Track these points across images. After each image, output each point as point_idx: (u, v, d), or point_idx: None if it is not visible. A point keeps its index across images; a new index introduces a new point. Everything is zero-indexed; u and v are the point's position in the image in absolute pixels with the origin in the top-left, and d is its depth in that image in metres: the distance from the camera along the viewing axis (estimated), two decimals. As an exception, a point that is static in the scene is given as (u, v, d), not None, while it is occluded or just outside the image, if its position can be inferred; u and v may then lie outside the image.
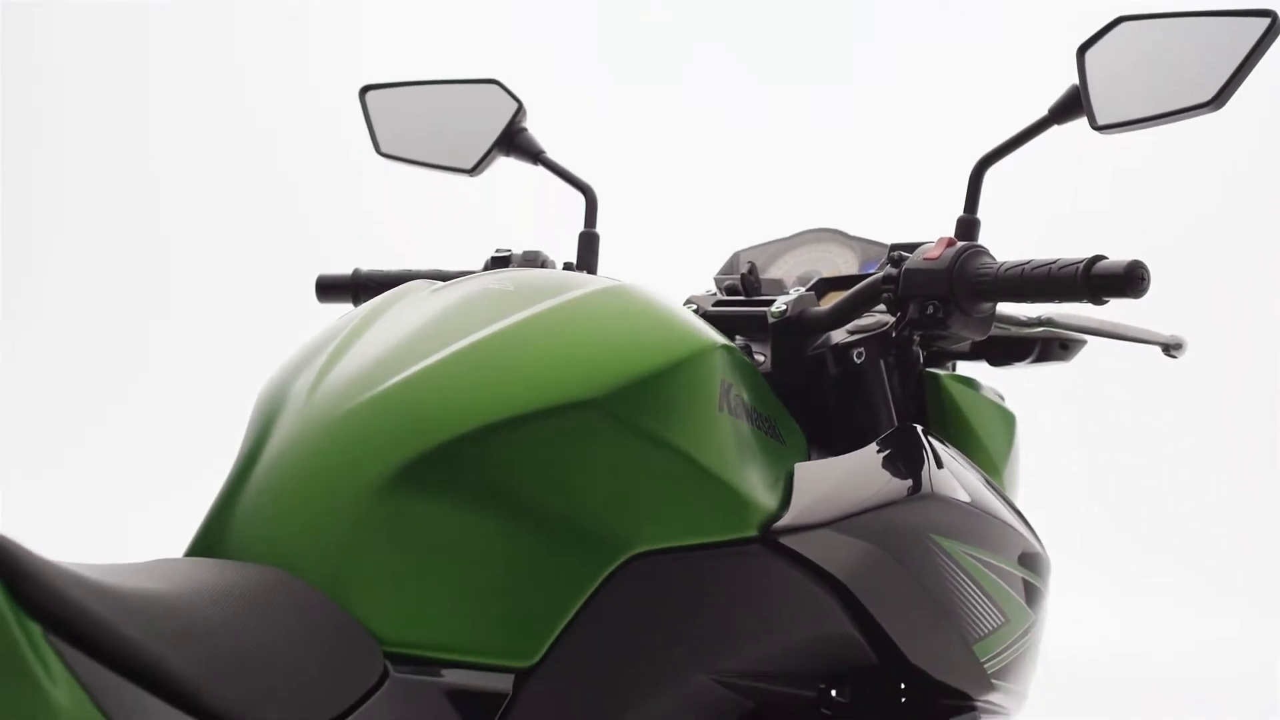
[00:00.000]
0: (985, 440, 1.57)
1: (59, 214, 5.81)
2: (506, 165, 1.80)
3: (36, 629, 0.85)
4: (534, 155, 1.78)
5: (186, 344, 5.50)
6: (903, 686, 1.40)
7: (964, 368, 1.66)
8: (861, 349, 1.49)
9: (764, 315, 1.52)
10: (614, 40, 5.61)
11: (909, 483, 1.35)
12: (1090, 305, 1.35)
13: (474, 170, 1.77)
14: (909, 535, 1.33)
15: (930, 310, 1.39)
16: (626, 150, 4.96)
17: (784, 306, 1.51)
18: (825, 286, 1.61)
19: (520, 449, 1.16)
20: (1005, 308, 1.58)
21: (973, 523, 1.39)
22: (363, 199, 5.23)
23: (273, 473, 1.17)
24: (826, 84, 5.41)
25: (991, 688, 1.43)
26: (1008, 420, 1.61)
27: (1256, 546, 4.96)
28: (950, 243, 1.41)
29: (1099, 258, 1.31)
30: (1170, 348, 1.64)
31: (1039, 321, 1.60)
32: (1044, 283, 1.33)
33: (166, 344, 5.54)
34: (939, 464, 1.39)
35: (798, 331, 1.51)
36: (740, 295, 1.64)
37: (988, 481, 1.48)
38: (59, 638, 0.86)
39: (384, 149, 1.79)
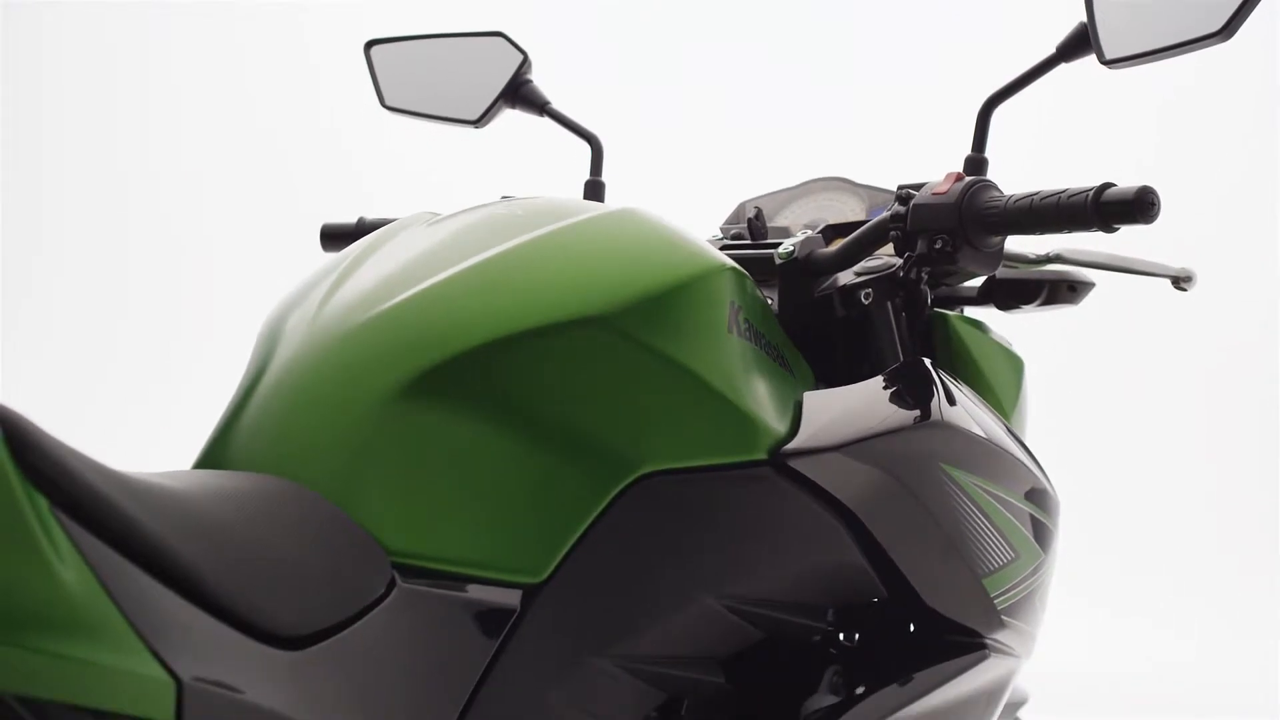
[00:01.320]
0: (994, 383, 1.56)
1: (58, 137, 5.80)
2: (512, 117, 1.80)
3: (43, 502, 0.84)
4: (539, 106, 1.78)
5: (189, 304, 5.49)
6: (912, 622, 1.39)
7: (972, 314, 1.65)
8: (869, 290, 1.48)
9: (771, 257, 1.52)
10: (613, 34, 5.63)
11: (919, 411, 1.34)
12: (1101, 235, 1.34)
13: (479, 122, 1.77)
14: (919, 463, 1.32)
15: (939, 245, 1.38)
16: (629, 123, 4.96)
17: (791, 248, 1.51)
18: (832, 233, 1.61)
19: (530, 364, 1.16)
20: (1014, 245, 1.57)
21: (983, 455, 1.38)
22: (366, 153, 5.24)
23: (280, 387, 1.17)
24: (827, 66, 5.43)
25: (1001, 625, 1.41)
26: (1016, 365, 1.60)
27: (1243, 564, 4.96)
28: (958, 177, 1.41)
29: (1108, 185, 1.30)
30: (1180, 280, 1.63)
31: (1048, 258, 1.59)
32: (1053, 212, 1.32)
33: (168, 296, 5.54)
34: (949, 395, 1.38)
35: (805, 273, 1.51)
36: (747, 240, 1.63)
37: (998, 418, 1.47)
38: (65, 513, 0.86)
39: (389, 102, 1.79)
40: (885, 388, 1.37)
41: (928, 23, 5.58)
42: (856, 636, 1.43)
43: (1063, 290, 1.54)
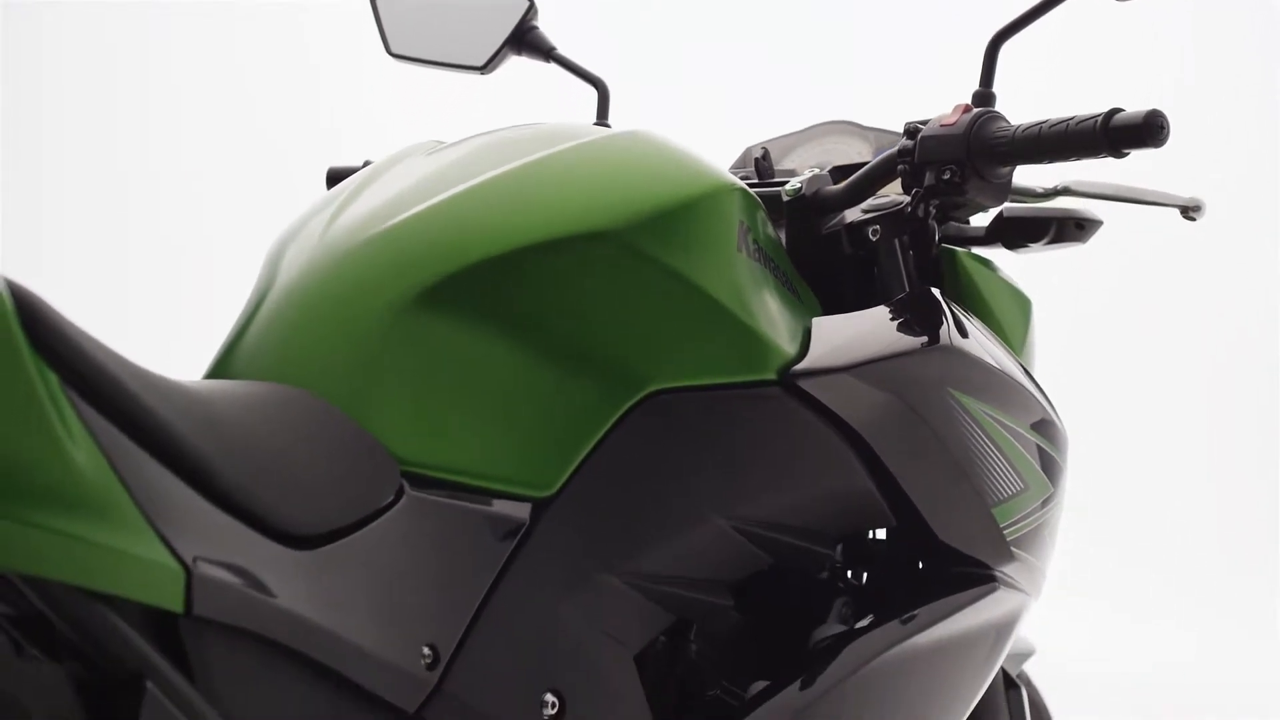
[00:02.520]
0: (1002, 321, 1.55)
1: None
2: (517, 64, 1.79)
3: (54, 378, 0.83)
4: (545, 52, 1.77)
5: (189, 302, 5.46)
6: (921, 553, 1.38)
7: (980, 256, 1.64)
8: (877, 226, 1.47)
9: (778, 195, 1.51)
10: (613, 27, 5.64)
11: (928, 336, 1.34)
12: (1110, 161, 1.33)
13: (485, 68, 1.76)
14: (928, 386, 1.31)
15: (947, 176, 1.37)
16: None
17: (799, 185, 1.50)
18: (840, 174, 1.60)
19: (538, 277, 1.15)
20: (1022, 179, 1.56)
21: (992, 383, 1.37)
22: (371, 99, 5.24)
23: (289, 302, 1.17)
24: (827, 66, 5.44)
25: (1011, 556, 1.40)
26: (1024, 305, 1.59)
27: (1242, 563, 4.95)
28: (966, 109, 1.40)
29: (1116, 110, 1.30)
30: (1189, 209, 1.62)
31: (1056, 191, 1.58)
32: (1062, 139, 1.32)
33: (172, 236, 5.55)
34: (958, 323, 1.37)
35: (812, 210, 1.50)
36: (754, 181, 1.63)
37: (1007, 351, 1.46)
38: (76, 392, 0.85)
39: (394, 49, 1.78)
40: (895, 314, 1.36)
41: (928, 23, 5.59)
42: (865, 566, 1.42)
43: (1070, 228, 1.53)
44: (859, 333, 1.32)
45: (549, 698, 1.11)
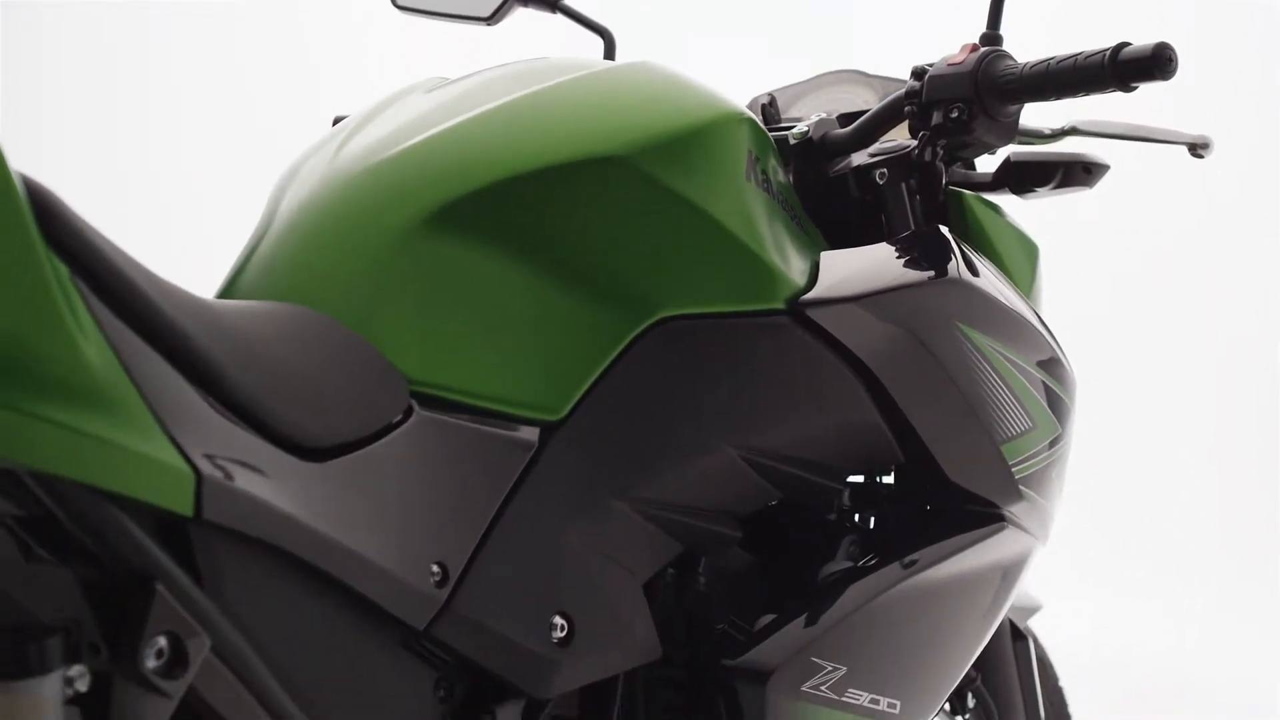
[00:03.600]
0: (1009, 265, 1.54)
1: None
2: (524, 15, 1.79)
3: (65, 270, 0.81)
4: (551, 3, 1.77)
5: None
6: (930, 490, 1.38)
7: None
8: (884, 169, 1.47)
9: (785, 139, 1.51)
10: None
11: (936, 270, 1.33)
12: (1118, 96, 1.33)
13: (492, 19, 1.76)
14: (936, 319, 1.31)
15: (955, 114, 1.37)
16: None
17: (806, 129, 1.50)
18: (847, 121, 1.60)
19: (548, 201, 1.15)
20: (1029, 120, 1.56)
21: (1001, 318, 1.37)
22: (375, 54, 5.23)
23: (299, 224, 1.16)
24: (828, 63, 5.42)
25: (1019, 495, 1.40)
26: (1030, 250, 1.59)
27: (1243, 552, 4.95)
28: (974, 48, 1.40)
29: (1124, 44, 1.29)
30: (1197, 147, 1.62)
31: (1064, 131, 1.58)
32: (1070, 74, 1.31)
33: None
34: (967, 260, 1.37)
35: (820, 154, 1.50)
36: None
37: (1016, 291, 1.46)
38: (88, 288, 0.84)
39: (400, 1, 1.77)
40: (903, 248, 1.36)
41: (928, 21, 5.58)
42: (873, 505, 1.42)
43: (1078, 172, 1.53)
44: (868, 265, 1.32)
45: (558, 620, 1.10)
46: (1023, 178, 1.55)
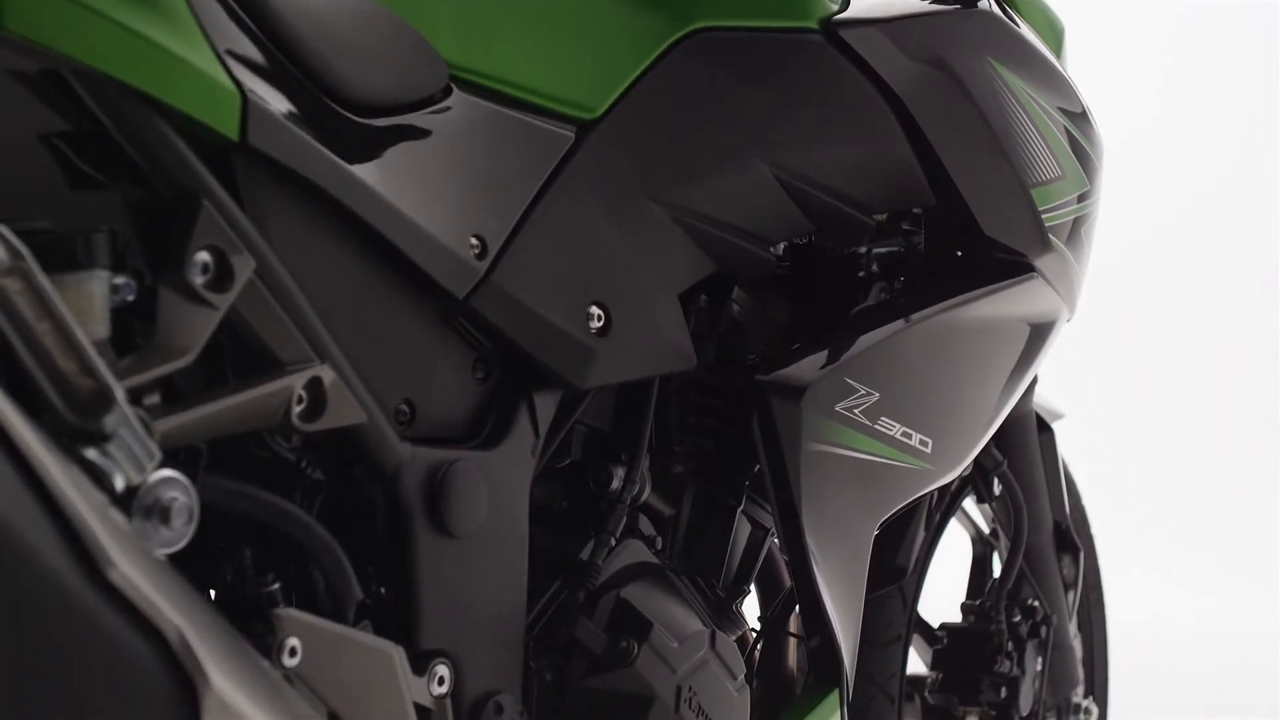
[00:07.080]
0: None
1: None
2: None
3: None
4: None
5: None
6: (960, 238, 1.38)
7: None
8: None
9: None
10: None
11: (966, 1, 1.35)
12: None
13: None
14: (967, 50, 1.32)
15: None
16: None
17: None
18: None
19: None
20: None
21: (1032, 59, 1.38)
22: None
23: None
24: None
25: (1048, 245, 1.40)
26: (1057, 29, 1.59)
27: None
28: None
29: None
30: None
31: None
32: None
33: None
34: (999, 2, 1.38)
35: None
36: None
37: (1047, 47, 1.46)
38: None
39: None
40: None
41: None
42: (904, 248, 1.42)
43: None
44: None
45: (594, 310, 1.11)
46: None
